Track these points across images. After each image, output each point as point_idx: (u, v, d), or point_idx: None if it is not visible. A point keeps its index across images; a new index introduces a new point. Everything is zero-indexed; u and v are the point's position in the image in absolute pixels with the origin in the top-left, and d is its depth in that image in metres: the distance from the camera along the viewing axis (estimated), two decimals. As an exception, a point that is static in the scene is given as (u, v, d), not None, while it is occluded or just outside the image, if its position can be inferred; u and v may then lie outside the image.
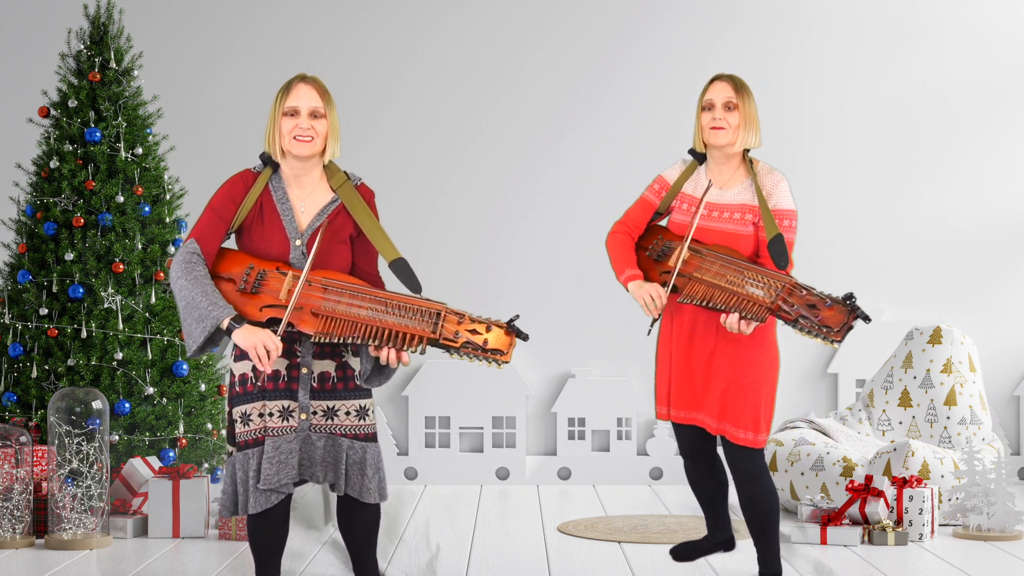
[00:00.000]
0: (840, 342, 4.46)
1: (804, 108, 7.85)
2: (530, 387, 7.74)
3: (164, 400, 6.31)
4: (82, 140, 6.44)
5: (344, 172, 4.33)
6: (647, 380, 7.84)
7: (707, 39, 7.84)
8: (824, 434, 6.57)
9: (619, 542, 5.76)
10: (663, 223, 4.94)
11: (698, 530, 5.83)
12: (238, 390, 4.25)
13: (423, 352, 4.13)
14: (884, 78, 7.85)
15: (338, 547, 5.58)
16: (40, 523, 5.80)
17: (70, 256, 6.29)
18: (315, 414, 4.24)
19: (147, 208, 6.45)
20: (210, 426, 6.44)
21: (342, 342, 4.13)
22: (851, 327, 4.44)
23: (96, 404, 5.67)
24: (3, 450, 5.66)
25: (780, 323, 4.63)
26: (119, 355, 6.21)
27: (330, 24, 7.85)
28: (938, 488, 5.91)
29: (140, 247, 6.41)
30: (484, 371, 7.68)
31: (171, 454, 6.21)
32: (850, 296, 4.43)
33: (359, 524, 4.35)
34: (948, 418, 6.48)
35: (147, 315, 6.35)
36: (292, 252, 4.24)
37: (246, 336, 4.10)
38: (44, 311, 6.27)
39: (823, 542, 5.66)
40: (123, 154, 6.46)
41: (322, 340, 4.13)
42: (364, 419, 4.28)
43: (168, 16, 7.83)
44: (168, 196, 6.60)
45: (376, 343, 4.12)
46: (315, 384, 4.24)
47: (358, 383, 4.26)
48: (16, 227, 6.50)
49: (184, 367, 6.33)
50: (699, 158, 4.87)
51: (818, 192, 7.79)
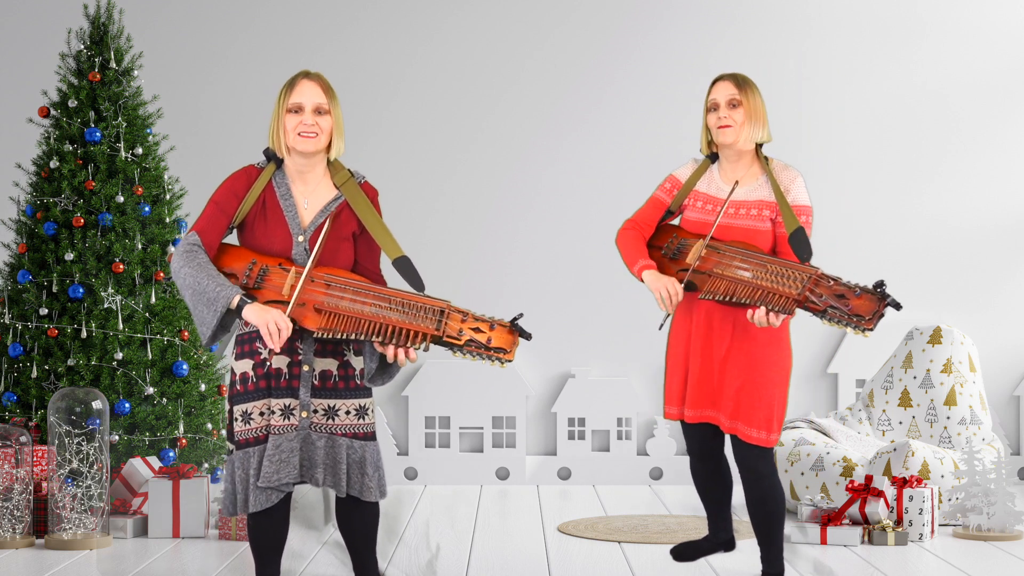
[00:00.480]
0: (872, 330, 4.41)
1: (804, 108, 7.85)
2: (530, 387, 7.74)
3: (164, 400, 6.31)
4: (82, 140, 6.44)
5: (348, 170, 4.33)
6: (647, 380, 7.84)
7: (707, 39, 7.84)
8: (824, 434, 6.57)
9: (619, 542, 5.75)
10: (674, 223, 4.91)
11: (698, 530, 5.83)
12: (239, 388, 4.25)
13: (427, 349, 4.12)
14: (884, 78, 7.85)
15: (338, 547, 5.58)
16: (40, 523, 5.80)
17: (70, 256, 6.29)
18: (315, 412, 4.23)
19: (147, 208, 6.45)
20: (210, 426, 6.44)
21: (344, 338, 4.13)
22: (882, 315, 4.38)
23: (96, 404, 5.67)
24: (3, 450, 5.66)
25: (805, 316, 4.61)
26: (119, 355, 6.21)
27: (330, 24, 7.85)
28: (938, 488, 5.91)
29: (140, 247, 6.41)
30: (484, 371, 7.68)
31: (171, 454, 6.21)
32: (881, 284, 4.38)
33: (359, 523, 4.35)
34: (948, 418, 6.48)
35: (147, 315, 6.35)
36: (295, 248, 4.24)
37: (258, 313, 4.09)
38: (44, 311, 6.27)
39: (823, 542, 5.66)
40: (123, 154, 6.46)
41: (325, 336, 4.12)
42: (363, 418, 4.28)
43: (168, 16, 7.83)
44: (168, 196, 6.60)
45: (379, 340, 4.11)
46: (316, 382, 4.24)
47: (361, 382, 4.26)
48: (16, 227, 6.50)
49: (184, 367, 6.33)
50: (711, 156, 4.85)
51: (818, 192, 7.76)
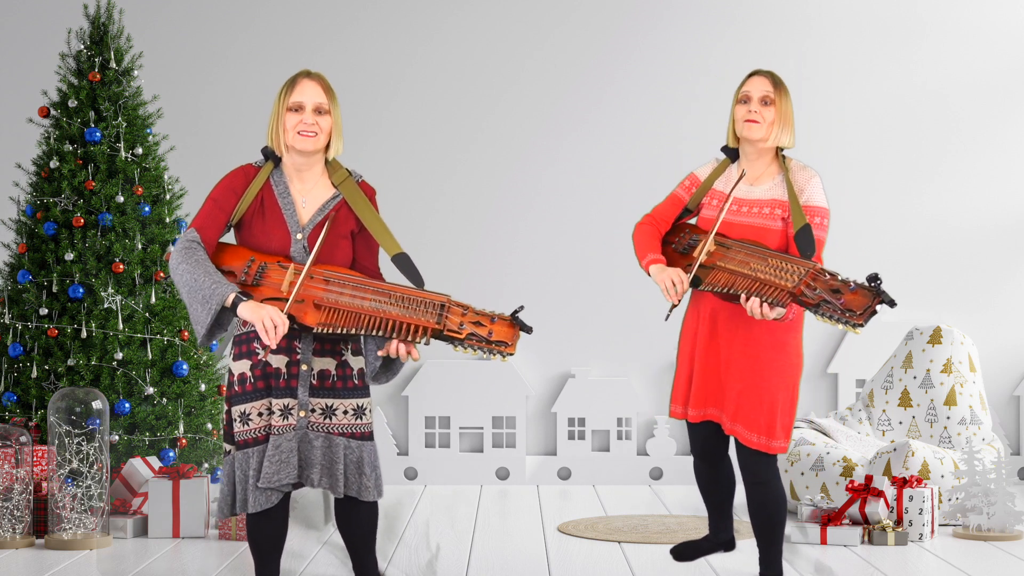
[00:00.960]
0: (862, 326, 4.24)
1: (804, 108, 7.81)
2: (530, 387, 7.74)
3: (164, 400, 6.31)
4: (82, 140, 6.44)
5: (346, 169, 4.34)
6: (647, 380, 7.84)
7: (707, 39, 7.84)
8: (824, 434, 6.57)
9: (619, 542, 5.75)
10: (692, 221, 4.88)
11: (698, 530, 5.83)
12: (237, 389, 4.25)
13: (427, 343, 4.10)
14: (884, 78, 7.85)
15: (338, 547, 5.58)
16: (40, 523, 5.80)
17: (70, 256, 6.28)
18: (313, 412, 4.23)
19: (147, 208, 6.45)
20: (210, 426, 6.44)
21: (345, 334, 4.11)
22: (875, 311, 4.23)
23: (96, 404, 5.67)
24: (3, 450, 5.66)
25: (810, 318, 4.58)
26: (119, 355, 6.21)
27: (330, 24, 7.85)
28: (938, 488, 5.91)
29: (140, 247, 6.41)
30: (484, 371, 7.68)
31: (171, 454, 6.21)
32: (875, 277, 4.23)
33: (358, 523, 4.35)
34: (948, 418, 6.48)
35: (147, 315, 6.35)
36: (293, 246, 4.24)
37: (253, 310, 4.08)
38: (44, 311, 6.27)
39: (823, 542, 5.66)
40: (123, 154, 6.46)
41: (325, 332, 4.10)
42: (361, 418, 4.28)
43: (168, 16, 7.83)
44: (168, 196, 6.60)
45: (380, 334, 4.10)
46: (315, 381, 4.24)
47: (360, 382, 4.26)
48: (16, 227, 6.50)
49: (184, 367, 6.33)
50: (732, 156, 4.81)
51: (818, 192, 7.79)
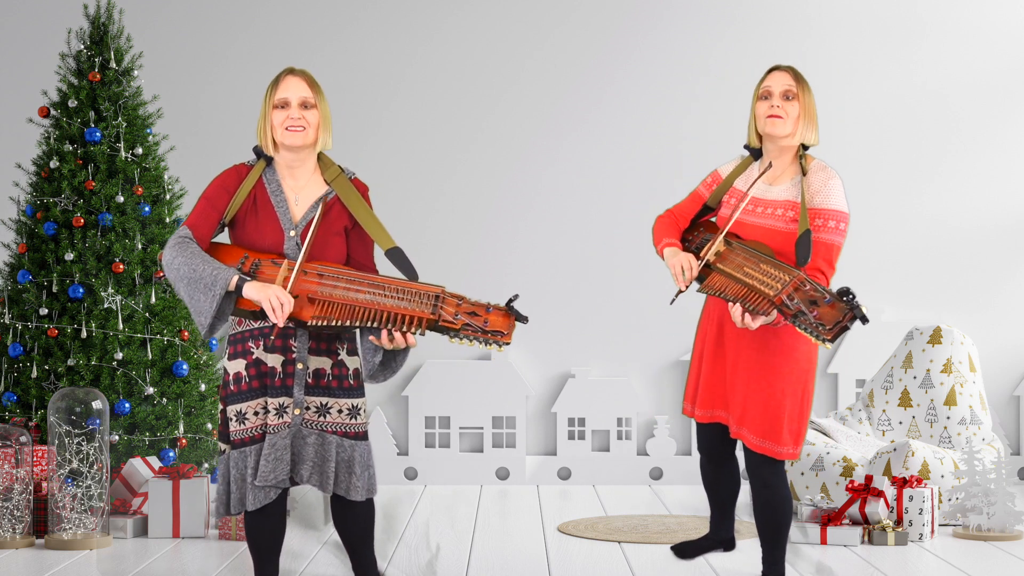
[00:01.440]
0: (830, 342, 4.13)
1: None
2: (530, 387, 7.74)
3: (164, 400, 6.31)
4: (82, 140, 6.44)
5: (338, 166, 4.35)
6: (647, 380, 7.84)
7: (707, 39, 7.84)
8: (824, 434, 6.57)
9: (619, 542, 5.75)
10: (714, 219, 4.82)
11: (698, 530, 5.83)
12: (232, 388, 4.25)
13: (423, 334, 4.10)
14: (884, 78, 7.85)
15: (338, 547, 5.58)
16: (40, 523, 5.80)
17: (70, 256, 6.29)
18: (308, 409, 4.24)
19: (147, 208, 6.46)
20: (210, 426, 6.44)
21: (340, 326, 4.11)
22: (845, 327, 4.12)
23: (96, 404, 5.67)
24: (3, 450, 5.66)
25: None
26: (119, 355, 6.21)
27: (330, 24, 7.85)
28: (938, 488, 5.91)
29: (140, 247, 6.41)
30: (484, 371, 7.68)
31: (171, 454, 6.21)
32: (847, 292, 4.13)
33: (353, 522, 4.35)
34: (948, 418, 6.48)
35: (147, 315, 6.35)
36: (286, 243, 4.24)
37: (258, 290, 4.08)
38: (44, 311, 6.27)
39: (823, 542, 5.66)
40: (123, 154, 6.46)
41: (320, 324, 4.10)
42: (356, 418, 4.28)
43: (168, 16, 7.83)
44: (168, 196, 6.60)
45: (375, 326, 4.09)
46: (310, 380, 4.24)
47: (355, 382, 4.26)
48: (16, 227, 6.51)
49: (184, 367, 6.33)
50: (755, 154, 4.69)
51: (818, 192, 7.78)
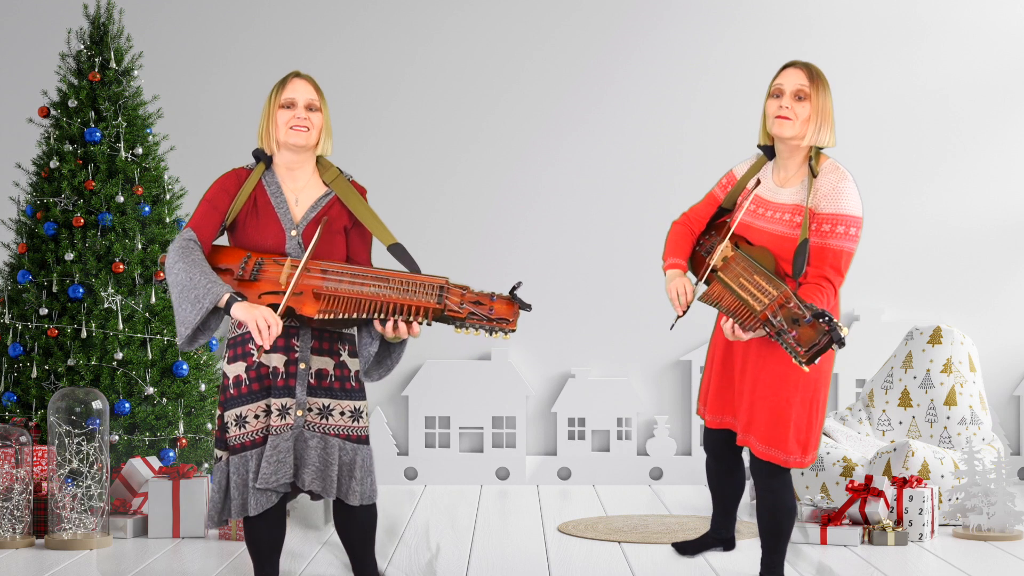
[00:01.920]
0: (805, 364, 4.02)
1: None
2: (530, 387, 7.74)
3: (164, 400, 6.31)
4: (82, 140, 6.44)
5: (337, 168, 4.39)
6: (647, 380, 7.84)
7: (707, 39, 7.84)
8: (824, 434, 6.57)
9: (619, 542, 5.75)
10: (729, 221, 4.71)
11: (698, 530, 5.83)
12: (232, 392, 4.25)
13: (429, 324, 4.11)
14: (884, 78, 7.85)
15: (338, 547, 5.58)
16: (40, 523, 5.80)
17: (70, 256, 6.29)
18: (310, 411, 4.24)
19: (147, 208, 6.46)
20: (210, 426, 6.44)
21: (346, 319, 4.12)
22: (821, 349, 4.00)
23: (96, 404, 5.67)
24: (3, 450, 5.66)
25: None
26: (119, 355, 6.21)
27: (330, 24, 7.85)
28: (938, 488, 5.91)
29: (140, 247, 6.41)
30: (484, 371, 7.68)
31: (171, 454, 6.21)
32: (821, 314, 3.99)
33: (355, 525, 4.35)
34: (948, 418, 6.48)
35: (147, 315, 6.35)
36: (288, 243, 4.26)
37: (246, 310, 4.09)
38: (44, 311, 6.27)
39: (823, 542, 5.66)
40: (123, 154, 6.46)
41: (326, 318, 4.11)
42: (358, 421, 4.28)
43: (168, 16, 7.83)
44: (168, 196, 6.60)
45: (381, 317, 4.10)
46: (312, 380, 4.24)
47: (357, 384, 4.26)
48: (16, 227, 6.50)
49: (184, 367, 6.33)
50: (769, 153, 4.54)
51: (818, 192, 7.78)
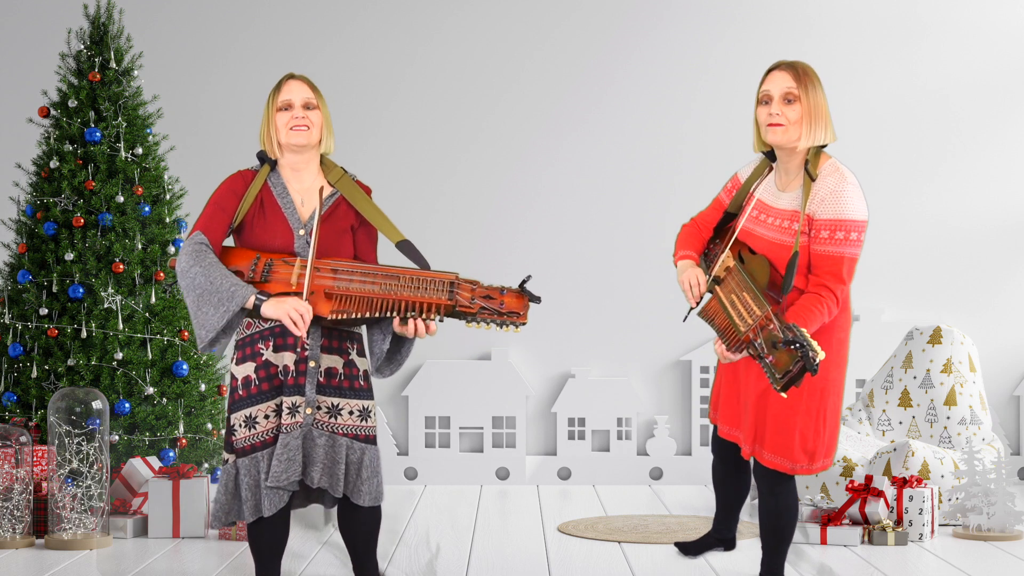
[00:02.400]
0: (781, 391, 3.92)
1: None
2: (530, 387, 7.74)
3: (164, 400, 6.31)
4: (82, 140, 6.44)
5: (341, 168, 4.40)
6: (647, 380, 7.84)
7: (707, 39, 7.84)
8: (824, 434, 6.57)
9: (619, 542, 5.75)
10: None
11: (698, 530, 5.83)
12: (241, 393, 4.24)
13: (442, 320, 4.13)
14: (884, 78, 7.85)
15: (338, 547, 5.58)
16: (40, 523, 5.80)
17: (70, 256, 6.28)
18: (319, 409, 4.24)
19: (147, 208, 6.46)
20: (210, 426, 6.44)
21: (359, 318, 4.13)
22: (793, 377, 3.90)
23: (96, 404, 5.67)
24: (3, 450, 5.66)
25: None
26: (119, 355, 6.21)
27: (330, 24, 7.85)
28: (938, 488, 5.91)
29: (140, 247, 6.41)
30: (484, 371, 7.68)
31: (171, 454, 6.21)
32: (793, 341, 3.85)
33: (359, 526, 4.35)
34: (948, 418, 6.48)
35: (147, 315, 6.35)
36: (296, 242, 4.26)
37: (276, 306, 4.10)
38: (44, 311, 6.27)
39: (823, 542, 5.66)
40: (123, 154, 6.46)
41: (339, 318, 4.11)
42: (366, 420, 4.29)
43: (168, 16, 7.83)
44: (168, 196, 6.60)
45: (393, 315, 4.11)
46: (321, 379, 4.25)
47: (365, 383, 4.27)
48: (16, 227, 6.50)
49: (184, 367, 6.33)
50: (771, 156, 4.41)
51: (818, 192, 7.78)
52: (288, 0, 7.87)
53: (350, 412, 4.27)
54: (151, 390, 6.26)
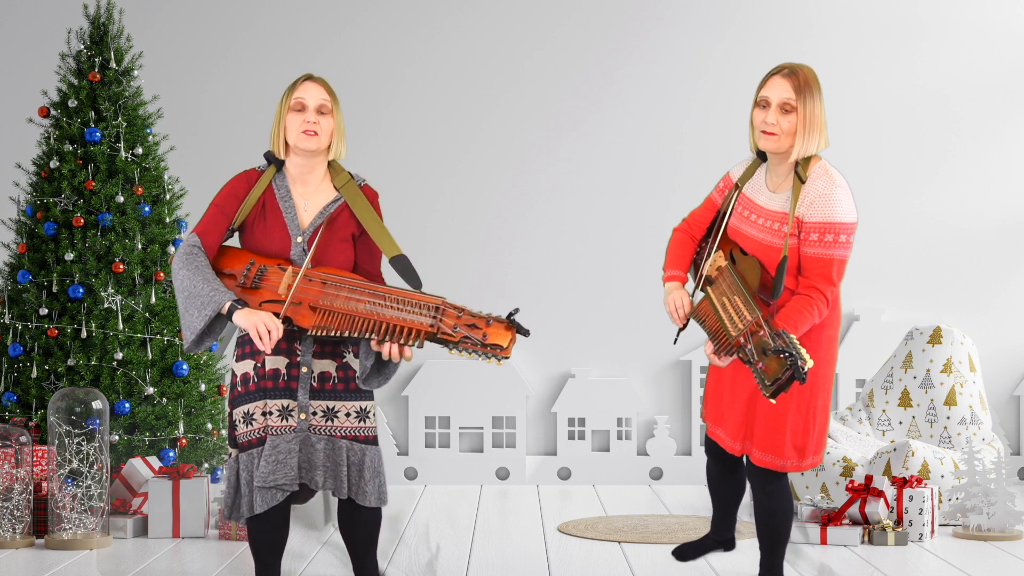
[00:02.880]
0: (771, 398, 3.94)
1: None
2: (530, 387, 7.74)
3: (164, 400, 6.31)
4: (82, 140, 6.44)
5: (348, 172, 4.34)
6: (647, 380, 7.84)
7: (707, 39, 7.84)
8: (824, 434, 6.57)
9: (619, 542, 5.75)
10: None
11: (698, 530, 5.83)
12: (240, 390, 4.25)
13: (421, 346, 4.09)
14: (884, 78, 7.85)
15: (338, 547, 5.58)
16: (40, 523, 5.80)
17: (70, 256, 6.28)
18: (315, 414, 4.23)
19: (147, 208, 6.45)
20: (210, 426, 6.44)
21: (339, 336, 4.11)
22: (782, 385, 3.92)
23: (96, 404, 5.67)
24: (3, 450, 5.66)
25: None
26: (119, 355, 6.21)
27: (330, 24, 7.85)
28: (938, 488, 5.91)
29: (140, 247, 6.41)
30: (484, 371, 7.67)
31: (171, 454, 6.21)
32: (782, 349, 3.87)
33: (360, 527, 4.35)
34: (948, 418, 6.48)
35: (147, 315, 6.35)
36: (293, 249, 4.25)
37: (247, 317, 4.10)
38: (44, 311, 6.27)
39: (823, 542, 5.66)
40: (123, 154, 6.46)
41: (319, 334, 4.11)
42: (365, 421, 4.27)
43: (168, 16, 7.83)
44: (168, 196, 6.60)
45: (373, 336, 4.09)
46: (315, 384, 4.24)
47: (358, 384, 4.26)
48: (16, 227, 6.50)
49: (184, 367, 6.33)
50: (763, 155, 4.42)
51: (818, 192, 7.78)
52: (288, 0, 7.87)
53: (347, 414, 4.26)
54: (151, 390, 6.26)
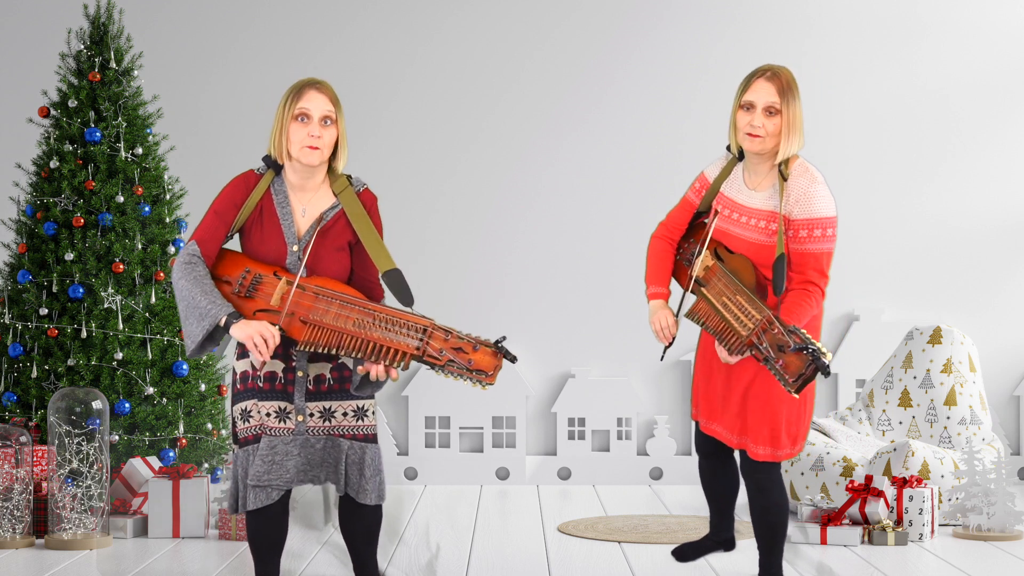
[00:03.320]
0: (795, 392, 4.05)
1: (804, 108, 7.83)
2: (530, 387, 7.74)
3: (164, 400, 6.31)
4: (82, 140, 6.44)
5: (347, 177, 4.30)
6: (647, 380, 7.84)
7: (707, 39, 7.84)
8: (824, 434, 6.57)
9: (619, 542, 5.75)
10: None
11: (698, 530, 5.83)
12: (239, 387, 4.26)
13: (406, 368, 4.10)
14: (884, 78, 7.85)
15: (338, 547, 5.58)
16: (40, 523, 5.80)
17: (70, 256, 6.28)
18: (311, 416, 4.24)
19: (147, 208, 6.45)
20: (210, 426, 6.44)
21: (327, 352, 4.13)
22: (809, 378, 4.03)
23: (96, 404, 5.67)
24: (3, 450, 5.66)
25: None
26: (119, 355, 6.21)
27: (330, 24, 7.85)
28: (938, 488, 5.91)
29: (140, 247, 6.41)
30: (484, 371, 7.67)
31: (171, 454, 6.21)
32: (804, 346, 3.98)
33: (360, 525, 4.35)
34: (948, 418, 6.48)
35: (147, 315, 6.35)
36: (289, 257, 4.23)
37: (243, 328, 4.10)
38: (44, 311, 6.27)
39: (823, 542, 5.66)
40: (123, 154, 6.46)
41: (308, 349, 4.13)
42: (363, 419, 4.28)
43: (168, 16, 7.83)
44: (168, 196, 6.60)
45: (359, 355, 4.10)
46: (311, 386, 4.24)
47: (352, 392, 4.26)
48: (16, 227, 6.50)
49: (184, 367, 6.33)
50: (740, 154, 4.50)
51: (818, 192, 7.78)
52: (288, 0, 7.87)
53: (344, 413, 4.26)
54: (151, 390, 6.26)
